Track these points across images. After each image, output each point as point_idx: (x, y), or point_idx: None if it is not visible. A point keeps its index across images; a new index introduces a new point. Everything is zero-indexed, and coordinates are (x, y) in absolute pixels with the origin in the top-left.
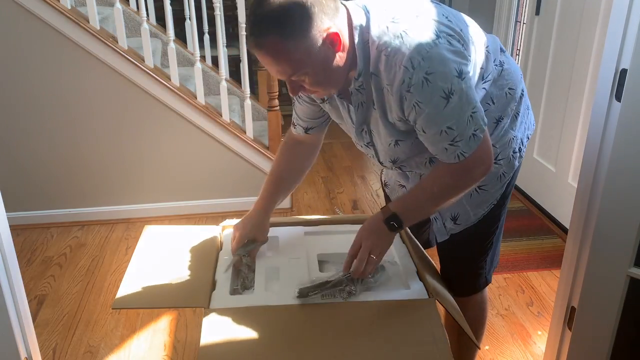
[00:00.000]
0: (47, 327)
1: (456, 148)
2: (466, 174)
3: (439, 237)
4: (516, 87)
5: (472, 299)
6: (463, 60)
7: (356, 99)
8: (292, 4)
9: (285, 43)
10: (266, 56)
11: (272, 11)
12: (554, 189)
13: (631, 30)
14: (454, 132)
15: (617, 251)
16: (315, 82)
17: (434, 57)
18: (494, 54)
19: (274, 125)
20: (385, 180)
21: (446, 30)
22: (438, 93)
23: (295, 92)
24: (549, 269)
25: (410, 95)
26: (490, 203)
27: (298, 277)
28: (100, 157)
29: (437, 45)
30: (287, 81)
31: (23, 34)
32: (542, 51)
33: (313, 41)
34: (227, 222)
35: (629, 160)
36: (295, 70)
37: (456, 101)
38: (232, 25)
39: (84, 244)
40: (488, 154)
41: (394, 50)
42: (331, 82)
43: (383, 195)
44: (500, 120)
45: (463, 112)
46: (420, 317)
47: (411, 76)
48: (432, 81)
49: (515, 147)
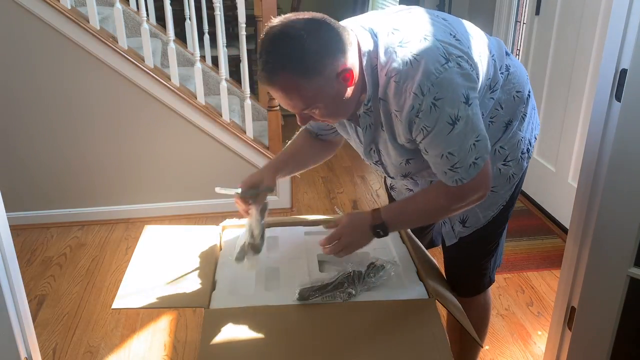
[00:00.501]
0: (47, 327)
1: (455, 174)
2: (461, 199)
3: (448, 241)
4: (523, 89)
5: (476, 299)
6: (471, 84)
7: (364, 122)
8: (305, 42)
9: (298, 80)
10: (279, 91)
11: (285, 48)
12: (554, 189)
13: (631, 30)
14: (454, 158)
15: (617, 251)
16: (325, 114)
17: (443, 82)
18: (500, 60)
19: (274, 125)
20: (391, 184)
21: (455, 52)
22: (444, 119)
23: (305, 122)
24: (549, 269)
25: (419, 120)
26: (500, 204)
27: (298, 277)
28: (100, 157)
29: (447, 70)
30: (298, 114)
31: (23, 34)
32: (542, 51)
33: (326, 79)
34: (227, 222)
35: (629, 160)
36: (308, 105)
37: (461, 127)
38: (232, 25)
39: (84, 244)
40: (486, 183)
41: (404, 76)
42: (341, 112)
43: (386, 195)
44: (510, 123)
45: (466, 140)
46: (420, 317)
47: (421, 102)
48: (440, 106)
49: (524, 148)
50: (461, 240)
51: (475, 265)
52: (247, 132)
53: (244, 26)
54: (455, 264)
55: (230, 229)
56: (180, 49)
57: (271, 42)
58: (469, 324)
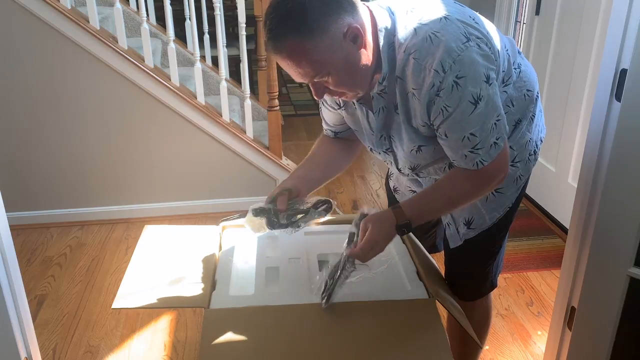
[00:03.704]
0: (47, 327)
1: (476, 156)
2: (485, 182)
3: (452, 243)
4: (533, 88)
5: (477, 303)
6: (491, 65)
7: (377, 104)
8: (307, 2)
9: (304, 43)
10: (287, 59)
11: (288, 11)
12: (554, 189)
13: (631, 30)
14: (476, 139)
15: (617, 251)
16: (339, 82)
17: (464, 60)
18: (513, 56)
19: (274, 125)
20: (394, 186)
21: (475, 33)
22: (467, 98)
23: (320, 94)
24: (549, 269)
25: (439, 99)
26: (506, 206)
27: (298, 277)
28: (101, 157)
29: (468, 48)
30: (311, 84)
31: (23, 34)
32: (542, 51)
33: (334, 38)
34: (227, 222)
35: (629, 160)
36: (318, 71)
37: (483, 107)
38: (232, 25)
39: (84, 244)
40: (506, 163)
41: (424, 53)
42: (356, 81)
43: (386, 197)
44: (520, 122)
45: (488, 119)
46: (420, 317)
47: (442, 80)
48: (463, 85)
49: (531, 149)
50: (465, 242)
51: (478, 269)
52: (247, 132)
53: (244, 26)
54: (457, 267)
55: (230, 229)
56: (180, 49)
57: (274, 8)
58: (468, 324)
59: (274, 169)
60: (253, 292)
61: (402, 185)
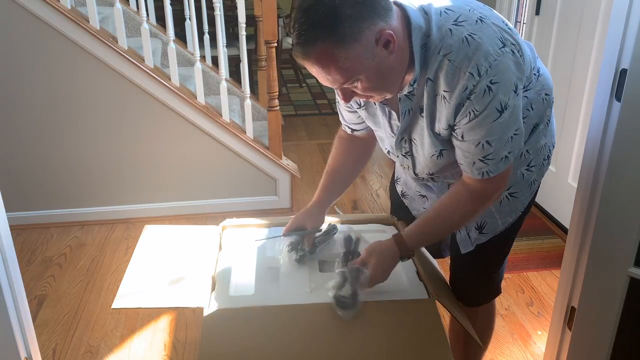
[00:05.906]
0: (47, 327)
1: (485, 165)
2: (486, 199)
3: (463, 249)
4: (550, 92)
5: (482, 308)
6: (520, 75)
7: (404, 106)
8: (338, 7)
9: (335, 50)
10: (315, 65)
11: (319, 16)
12: (554, 189)
13: (631, 30)
14: (490, 148)
15: (617, 251)
16: (368, 87)
17: (500, 66)
18: (533, 61)
19: (274, 125)
20: (402, 191)
21: (509, 39)
22: (495, 104)
23: (348, 99)
24: (549, 269)
25: (469, 103)
26: (519, 211)
27: (298, 277)
28: (100, 157)
29: (504, 54)
30: (339, 89)
31: (23, 34)
32: (542, 51)
33: (365, 45)
34: (227, 222)
35: (629, 160)
36: (348, 78)
37: (507, 117)
38: (232, 25)
39: (84, 244)
40: (506, 180)
41: (460, 55)
42: (386, 86)
43: (389, 201)
44: (537, 126)
45: (508, 130)
46: (420, 317)
47: (475, 83)
48: (495, 91)
49: (545, 154)
50: (476, 247)
51: (484, 275)
52: (247, 132)
53: (244, 26)
54: (464, 272)
55: (230, 229)
56: (180, 49)
57: (304, 12)
58: (469, 324)
59: (274, 169)
60: (253, 292)
61: (411, 189)
